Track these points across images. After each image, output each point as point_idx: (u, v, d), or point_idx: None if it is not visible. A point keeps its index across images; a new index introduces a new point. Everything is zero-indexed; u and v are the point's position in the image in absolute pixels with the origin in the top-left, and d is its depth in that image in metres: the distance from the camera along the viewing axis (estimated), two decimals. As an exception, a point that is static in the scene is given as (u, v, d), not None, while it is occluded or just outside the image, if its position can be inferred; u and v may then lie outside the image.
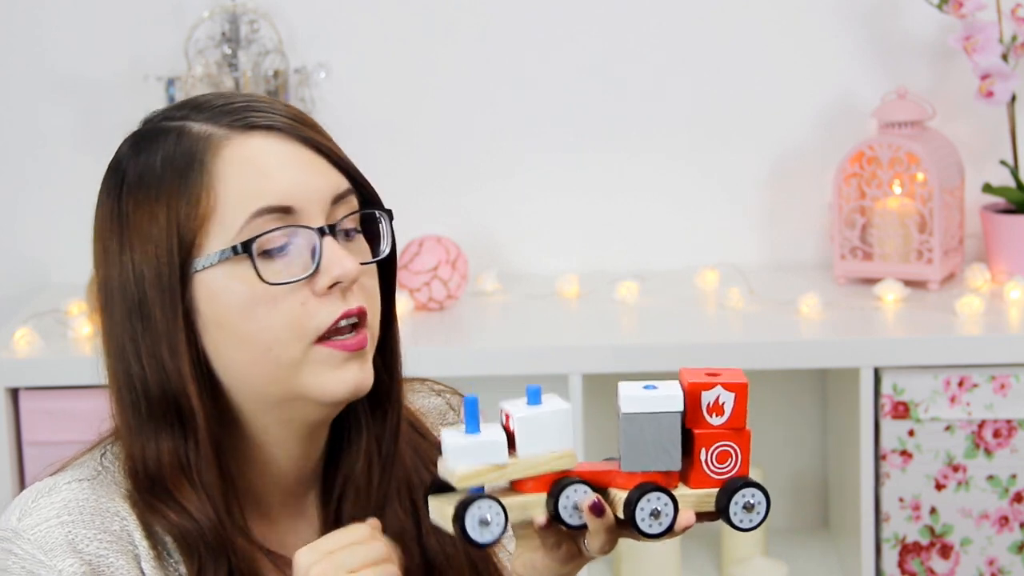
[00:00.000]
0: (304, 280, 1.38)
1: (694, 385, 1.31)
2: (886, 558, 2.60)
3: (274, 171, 1.39)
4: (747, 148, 2.99)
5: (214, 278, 1.39)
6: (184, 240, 1.38)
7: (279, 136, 1.40)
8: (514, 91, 2.98)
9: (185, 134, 1.41)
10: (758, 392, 3.11)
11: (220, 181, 1.38)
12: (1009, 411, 2.56)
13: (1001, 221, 2.82)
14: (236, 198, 1.38)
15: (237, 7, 2.87)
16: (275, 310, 1.38)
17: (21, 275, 3.04)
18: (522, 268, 3.02)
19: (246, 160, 1.39)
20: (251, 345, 1.38)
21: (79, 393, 2.59)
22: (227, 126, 1.40)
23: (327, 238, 1.38)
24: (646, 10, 2.96)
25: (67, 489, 1.40)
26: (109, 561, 1.38)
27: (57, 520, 1.38)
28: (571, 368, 2.60)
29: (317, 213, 1.39)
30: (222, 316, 1.39)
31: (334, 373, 1.39)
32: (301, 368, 1.39)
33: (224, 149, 1.39)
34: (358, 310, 1.39)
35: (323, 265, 1.38)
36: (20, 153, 3.01)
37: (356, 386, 1.40)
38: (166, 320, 1.39)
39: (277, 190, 1.38)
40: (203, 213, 1.38)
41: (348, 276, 1.38)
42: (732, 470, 1.31)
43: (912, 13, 2.92)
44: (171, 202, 1.39)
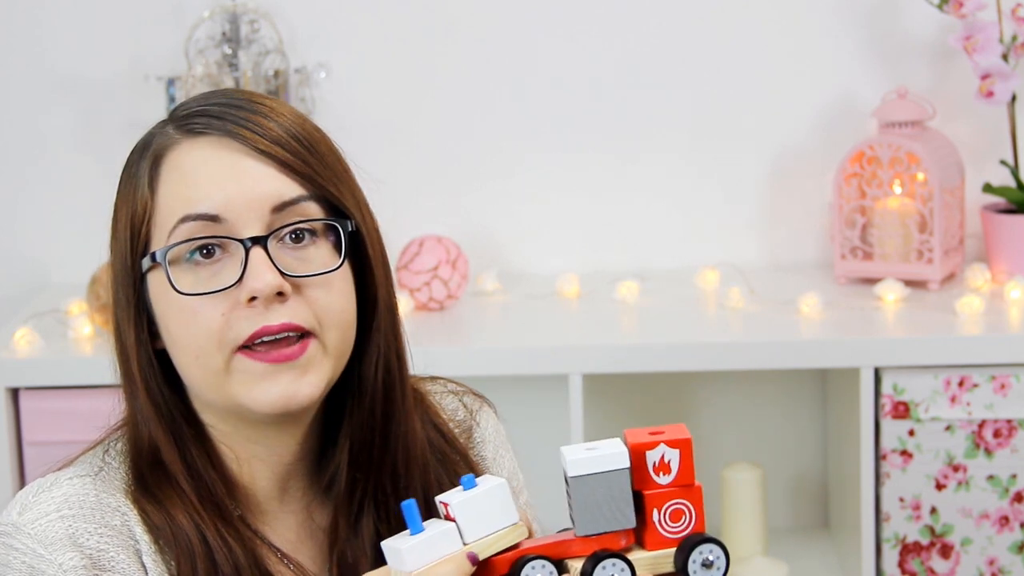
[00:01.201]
0: (224, 291, 1.37)
1: (637, 446, 1.29)
2: (886, 558, 2.60)
3: (205, 179, 1.38)
4: (747, 148, 2.99)
5: (155, 279, 1.41)
6: (135, 237, 1.41)
7: (222, 142, 1.40)
8: (514, 91, 2.98)
9: (158, 132, 1.44)
10: (758, 392, 3.14)
11: (161, 184, 1.40)
12: (1009, 411, 2.56)
13: (1001, 221, 2.82)
14: (169, 204, 1.39)
15: (237, 7, 2.87)
16: (197, 318, 1.38)
17: (21, 275, 3.04)
18: (522, 268, 3.02)
19: (182, 166, 1.40)
20: (184, 350, 1.40)
21: (79, 393, 2.59)
22: (179, 129, 1.42)
23: (254, 249, 1.37)
24: (646, 10, 2.96)
25: (68, 484, 1.41)
26: (110, 555, 1.38)
27: (57, 515, 1.38)
28: (571, 368, 2.59)
29: (251, 221, 1.38)
30: (163, 318, 1.41)
31: (259, 385, 1.38)
32: (228, 378, 1.39)
33: (170, 152, 1.41)
34: (280, 326, 1.37)
35: (244, 277, 1.37)
36: (20, 153, 3.01)
37: (284, 399, 1.38)
38: (126, 315, 1.42)
39: (204, 198, 1.38)
40: (148, 214, 1.40)
41: (265, 291, 1.36)
42: (687, 528, 1.30)
43: (912, 13, 2.92)
44: (129, 196, 1.42)
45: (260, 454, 1.45)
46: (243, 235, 1.38)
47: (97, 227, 3.13)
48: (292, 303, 1.38)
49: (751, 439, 3.01)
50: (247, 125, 1.40)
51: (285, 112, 1.43)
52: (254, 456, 1.45)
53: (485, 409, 1.62)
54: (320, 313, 1.39)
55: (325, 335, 1.40)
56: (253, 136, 1.40)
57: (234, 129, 1.40)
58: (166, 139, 1.42)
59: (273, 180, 1.39)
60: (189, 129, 1.41)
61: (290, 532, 1.48)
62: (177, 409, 1.43)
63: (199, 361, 1.38)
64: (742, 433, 3.01)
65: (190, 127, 1.41)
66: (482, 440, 1.60)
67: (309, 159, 1.41)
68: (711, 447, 3.01)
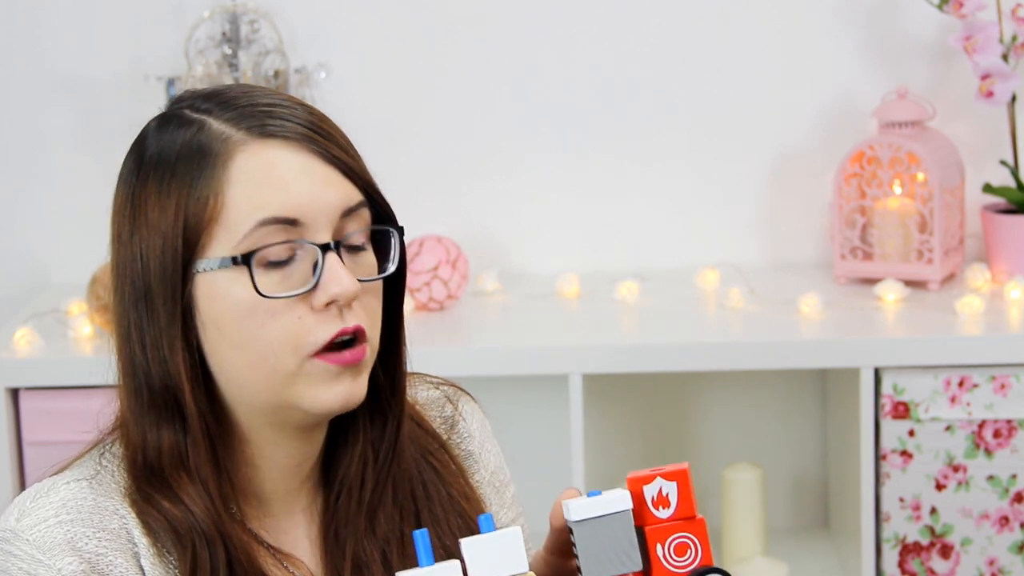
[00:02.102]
0: (301, 295, 1.38)
1: (634, 481, 1.29)
2: (886, 558, 2.60)
3: (284, 182, 1.38)
4: (747, 148, 2.99)
5: (215, 281, 1.39)
6: (190, 238, 1.39)
7: (295, 146, 1.40)
8: (514, 91, 2.98)
9: (205, 130, 1.41)
10: (758, 392, 3.14)
11: (231, 186, 1.38)
12: (1009, 411, 2.56)
13: (1001, 221, 2.82)
14: (244, 205, 1.38)
15: (237, 7, 2.87)
16: (272, 321, 1.38)
17: (21, 275, 3.04)
18: (522, 268, 3.02)
19: (258, 168, 1.39)
20: (247, 352, 1.39)
21: (79, 393, 2.59)
22: (245, 130, 1.40)
23: (330, 254, 1.38)
24: (646, 10, 2.96)
25: (65, 489, 1.41)
26: (108, 559, 1.38)
27: (56, 519, 1.38)
28: (571, 368, 2.59)
29: (324, 226, 1.39)
30: (220, 319, 1.39)
31: (326, 386, 1.39)
32: (295, 379, 1.39)
33: (239, 154, 1.39)
34: (354, 328, 1.39)
35: (322, 282, 1.38)
36: (20, 153, 3.01)
37: (346, 399, 1.40)
38: (166, 314, 1.40)
39: (285, 202, 1.38)
40: (210, 215, 1.38)
41: (345, 296, 1.38)
42: (694, 561, 1.29)
43: (912, 13, 2.92)
44: (181, 196, 1.39)
45: (275, 456, 1.45)
46: (317, 239, 1.38)
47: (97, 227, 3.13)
48: (355, 307, 1.40)
49: (751, 439, 3.01)
50: (317, 130, 1.41)
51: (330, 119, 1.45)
52: (269, 458, 1.45)
53: (468, 402, 1.63)
54: (370, 315, 1.42)
55: (373, 340, 1.42)
56: (324, 141, 1.41)
57: (307, 133, 1.40)
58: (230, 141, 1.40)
59: (341, 185, 1.40)
60: (257, 131, 1.40)
61: (289, 533, 1.48)
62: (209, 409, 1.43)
63: (266, 363, 1.38)
64: (742, 433, 3.01)
65: (257, 129, 1.40)
66: (468, 434, 1.60)
67: (364, 166, 1.44)
68: (711, 447, 3.02)
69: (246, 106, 1.42)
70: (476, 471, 1.59)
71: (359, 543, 1.47)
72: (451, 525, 1.51)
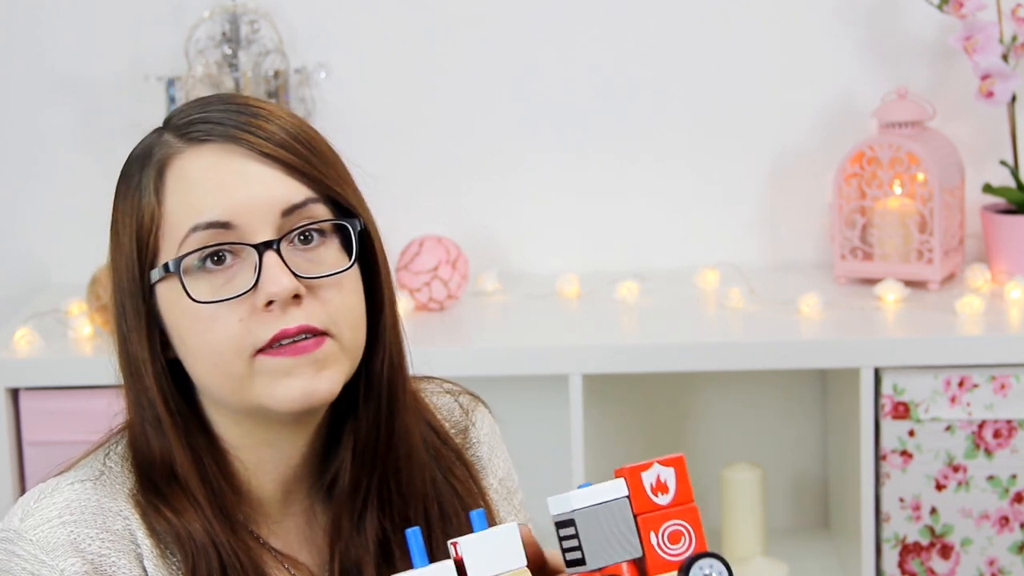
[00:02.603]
0: (239, 297, 1.37)
1: (633, 469, 1.29)
2: (886, 558, 2.60)
3: (215, 186, 1.38)
4: (747, 148, 2.99)
5: (167, 290, 1.40)
6: (142, 249, 1.40)
7: (228, 148, 1.39)
8: (514, 91, 2.98)
9: (157, 140, 1.43)
10: (758, 392, 3.14)
11: (168, 194, 1.39)
12: (1009, 411, 2.56)
13: (1001, 221, 2.82)
14: (179, 213, 1.38)
15: (237, 7, 2.87)
16: (214, 326, 1.38)
17: (21, 275, 3.04)
18: (522, 268, 3.02)
19: (192, 174, 1.39)
20: (200, 357, 1.39)
21: (79, 393, 2.59)
22: (181, 138, 1.41)
23: (268, 254, 1.37)
24: (646, 10, 2.96)
25: (69, 490, 1.41)
26: (111, 560, 1.38)
27: (59, 520, 1.38)
28: (571, 368, 2.59)
29: (262, 226, 1.38)
30: (177, 327, 1.40)
31: (281, 382, 1.38)
32: (250, 380, 1.38)
33: (174, 162, 1.40)
34: (297, 329, 1.37)
35: (260, 282, 1.37)
36: (20, 153, 3.01)
37: (305, 395, 1.38)
38: (136, 326, 1.41)
39: (215, 205, 1.37)
40: (155, 224, 1.39)
41: (282, 295, 1.36)
42: (688, 549, 1.29)
43: (912, 13, 2.92)
44: (132, 206, 1.41)
45: (268, 457, 1.45)
46: (255, 240, 1.37)
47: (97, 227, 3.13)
48: (307, 305, 1.38)
49: (751, 439, 3.01)
50: (249, 129, 1.40)
51: (283, 115, 1.43)
52: (262, 460, 1.45)
53: (480, 409, 1.62)
54: (334, 313, 1.39)
55: (341, 334, 1.40)
56: (257, 140, 1.40)
57: (237, 134, 1.39)
58: (168, 148, 1.41)
59: (280, 183, 1.39)
60: (191, 137, 1.40)
61: (291, 535, 1.48)
62: (191, 418, 1.43)
63: (218, 368, 1.38)
64: (742, 433, 3.01)
65: (192, 135, 1.40)
66: (477, 440, 1.60)
67: (313, 160, 1.41)
68: (711, 447, 3.01)
69: (193, 114, 1.42)
70: (485, 477, 1.58)
71: (348, 546, 1.46)
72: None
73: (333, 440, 1.48)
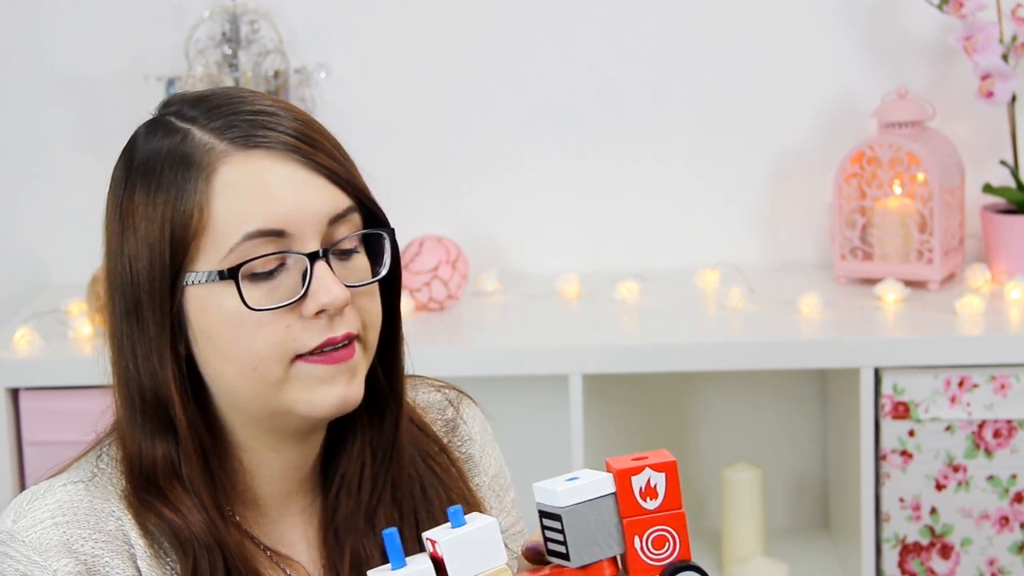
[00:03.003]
0: (289, 305, 1.37)
1: (622, 471, 1.28)
2: (886, 558, 2.60)
3: (269, 193, 1.37)
4: (747, 148, 2.99)
5: (204, 294, 1.39)
6: (177, 251, 1.38)
7: (279, 155, 1.39)
8: (514, 91, 2.98)
9: (189, 139, 1.40)
10: (758, 392, 3.13)
11: (216, 199, 1.38)
12: (1009, 411, 2.56)
13: (1001, 221, 2.82)
14: (229, 218, 1.37)
15: (237, 7, 2.87)
16: (260, 332, 1.37)
17: (21, 275, 3.04)
18: (522, 268, 3.02)
19: (242, 180, 1.38)
20: (235, 362, 1.39)
21: (79, 393, 2.59)
22: (228, 141, 1.39)
23: (319, 263, 1.38)
24: (646, 10, 2.96)
25: (62, 491, 1.41)
26: (104, 561, 1.38)
27: (52, 521, 1.38)
28: (571, 368, 2.59)
29: (312, 235, 1.38)
30: (211, 331, 1.39)
31: (318, 389, 1.39)
32: (285, 385, 1.39)
33: (223, 166, 1.38)
34: (344, 336, 1.38)
35: (311, 291, 1.37)
36: (20, 153, 3.01)
37: (341, 401, 1.40)
38: (156, 326, 1.40)
39: (270, 213, 1.37)
40: (197, 228, 1.38)
41: (335, 304, 1.37)
42: (671, 555, 1.28)
43: (912, 13, 2.92)
44: (167, 208, 1.39)
45: (274, 461, 1.45)
46: (305, 249, 1.38)
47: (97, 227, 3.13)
48: (347, 312, 1.39)
49: (751, 439, 3.01)
50: (298, 136, 1.40)
51: (315, 120, 1.44)
52: (267, 463, 1.45)
53: (470, 405, 1.62)
54: (365, 318, 1.41)
55: (366, 339, 1.41)
56: (309, 149, 1.40)
57: (289, 142, 1.39)
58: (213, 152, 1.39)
59: (327, 192, 1.39)
60: (240, 142, 1.39)
61: (286, 535, 1.48)
62: (198, 418, 1.42)
63: (256, 372, 1.38)
64: (742, 433, 3.01)
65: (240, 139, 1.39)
66: (469, 437, 1.60)
67: (351, 169, 1.42)
68: (711, 447, 3.01)
69: (230, 115, 1.41)
70: (476, 475, 1.59)
71: (358, 543, 1.47)
72: None
73: (335, 442, 1.48)
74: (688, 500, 3.10)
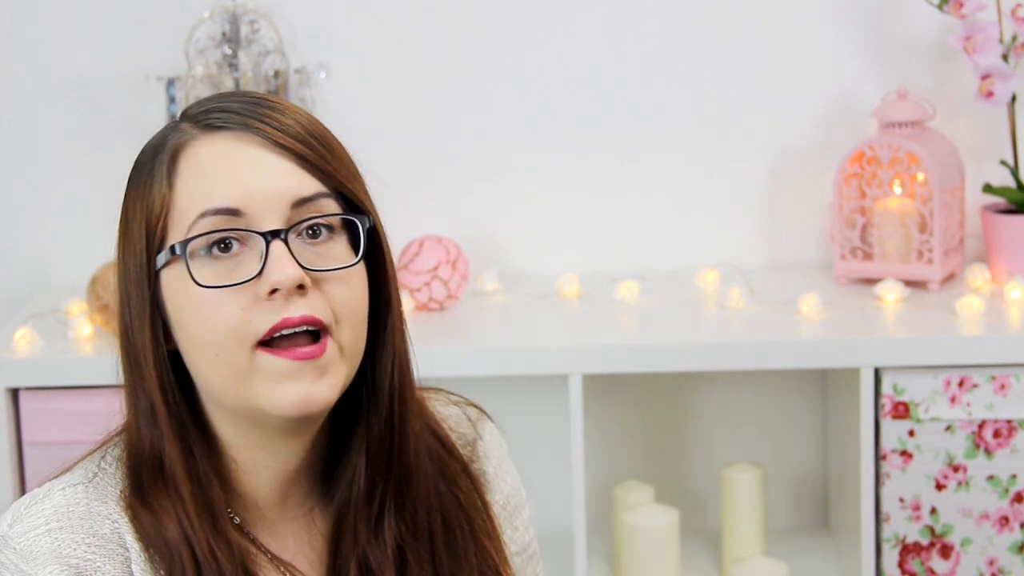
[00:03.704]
0: (244, 284, 1.37)
1: None
2: (886, 558, 2.60)
3: (228, 173, 1.38)
4: (747, 148, 2.99)
5: (171, 277, 1.39)
6: (150, 236, 1.40)
7: (242, 137, 1.39)
8: (514, 91, 2.98)
9: (172, 130, 1.43)
10: (758, 392, 3.14)
11: (179, 180, 1.39)
12: (1009, 411, 2.56)
13: (1001, 221, 2.82)
14: (188, 198, 1.38)
15: (237, 7, 2.87)
16: (216, 312, 1.37)
17: (21, 275, 3.04)
18: (522, 268, 3.02)
19: (200, 161, 1.39)
20: (202, 347, 1.38)
21: (79, 393, 2.59)
22: (196, 125, 1.41)
23: (275, 243, 1.36)
24: (646, 10, 2.96)
25: (60, 495, 1.40)
26: (97, 565, 1.38)
27: (45, 528, 1.38)
28: (571, 368, 2.59)
29: (271, 216, 1.37)
30: (179, 315, 1.39)
31: (280, 384, 1.37)
32: (251, 377, 1.37)
33: (188, 148, 1.40)
34: (301, 319, 1.36)
35: (265, 270, 1.36)
36: (20, 153, 3.01)
37: (304, 400, 1.37)
38: (140, 317, 1.40)
39: (227, 192, 1.37)
40: (164, 210, 1.39)
41: (287, 283, 1.36)
42: None
43: (912, 13, 2.92)
44: (143, 194, 1.41)
45: (266, 461, 1.44)
46: (263, 229, 1.37)
47: (97, 227, 3.14)
48: (311, 297, 1.37)
49: (751, 439, 3.01)
50: (265, 120, 1.40)
51: (299, 110, 1.43)
52: (259, 462, 1.44)
53: (488, 423, 1.61)
54: (337, 309, 1.39)
55: (341, 334, 1.39)
56: (273, 131, 1.40)
57: (253, 124, 1.40)
58: (183, 135, 1.41)
59: (292, 176, 1.39)
60: (207, 124, 1.40)
61: (288, 539, 1.47)
62: (187, 413, 1.42)
63: (219, 358, 1.37)
64: (742, 433, 3.01)
65: (208, 122, 1.40)
66: (485, 455, 1.59)
67: (326, 155, 1.41)
68: (711, 447, 3.01)
69: (210, 104, 1.42)
70: (490, 492, 1.57)
71: (364, 552, 1.45)
72: (468, 561, 1.49)
73: (337, 445, 1.47)
74: (688, 500, 3.12)
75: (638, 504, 2.76)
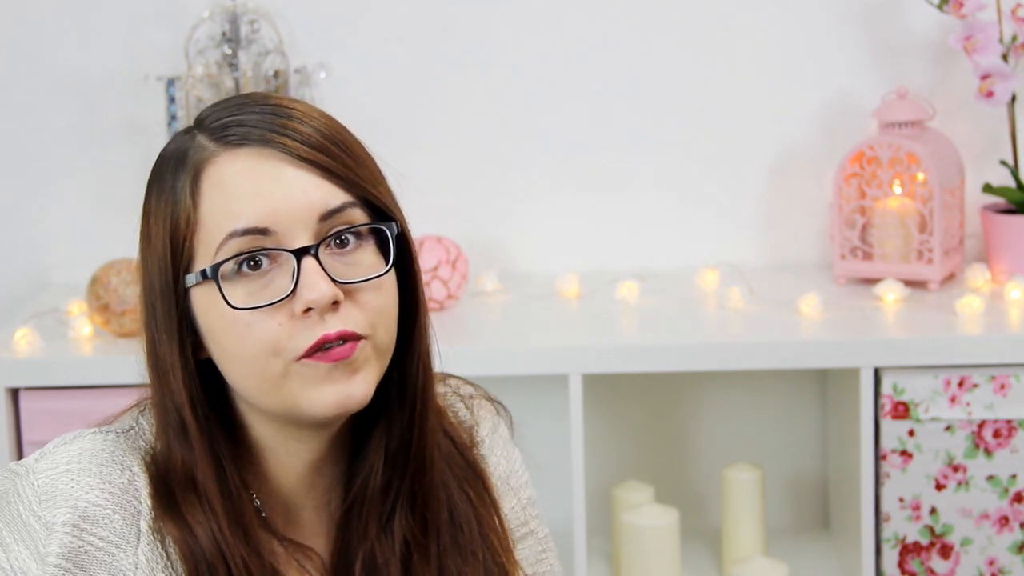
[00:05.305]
0: (277, 303, 1.36)
1: None
2: (886, 558, 2.60)
3: (253, 191, 1.37)
4: (747, 148, 2.99)
5: (201, 294, 1.39)
6: (176, 253, 1.39)
7: (263, 152, 1.38)
8: (514, 91, 2.98)
9: (192, 141, 1.41)
10: (758, 392, 3.14)
11: (203, 200, 1.38)
12: (1009, 411, 2.56)
13: (1001, 221, 2.82)
14: (214, 219, 1.38)
15: (237, 7, 2.87)
16: (252, 330, 1.37)
17: (21, 275, 3.04)
18: (522, 268, 3.02)
19: (226, 180, 1.38)
20: (238, 361, 1.39)
21: (79, 393, 2.59)
22: (216, 141, 1.40)
23: (306, 260, 1.36)
24: (646, 10, 2.96)
25: (89, 439, 1.42)
26: (105, 512, 1.39)
27: (65, 467, 1.39)
28: (571, 368, 2.59)
29: (300, 231, 1.37)
30: (213, 331, 1.39)
31: (318, 387, 1.37)
32: (287, 381, 1.38)
33: (210, 166, 1.39)
34: (338, 334, 1.36)
35: (298, 289, 1.36)
36: (20, 153, 3.01)
37: (343, 399, 1.38)
38: (168, 333, 1.41)
39: (253, 211, 1.36)
40: (190, 229, 1.38)
41: (321, 302, 1.35)
42: None
43: (912, 13, 2.92)
44: (167, 210, 1.40)
45: (297, 451, 1.45)
46: (292, 245, 1.37)
47: (97, 227, 3.14)
48: (345, 309, 1.37)
49: (751, 439, 3.01)
50: (285, 132, 1.39)
51: (316, 115, 1.42)
52: (290, 452, 1.45)
53: (484, 406, 1.62)
54: (372, 316, 1.39)
55: (376, 336, 1.39)
56: (293, 144, 1.39)
57: (272, 138, 1.38)
58: (203, 152, 1.40)
59: (318, 188, 1.38)
60: (227, 141, 1.39)
61: (307, 526, 1.48)
62: (215, 423, 1.42)
63: (254, 370, 1.37)
64: (742, 433, 3.01)
65: (227, 138, 1.39)
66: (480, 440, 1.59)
67: (349, 163, 1.41)
68: (711, 447, 3.01)
69: (226, 117, 1.41)
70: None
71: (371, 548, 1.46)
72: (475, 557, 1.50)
73: (359, 439, 1.47)
74: (688, 500, 3.12)
75: (638, 504, 2.76)
